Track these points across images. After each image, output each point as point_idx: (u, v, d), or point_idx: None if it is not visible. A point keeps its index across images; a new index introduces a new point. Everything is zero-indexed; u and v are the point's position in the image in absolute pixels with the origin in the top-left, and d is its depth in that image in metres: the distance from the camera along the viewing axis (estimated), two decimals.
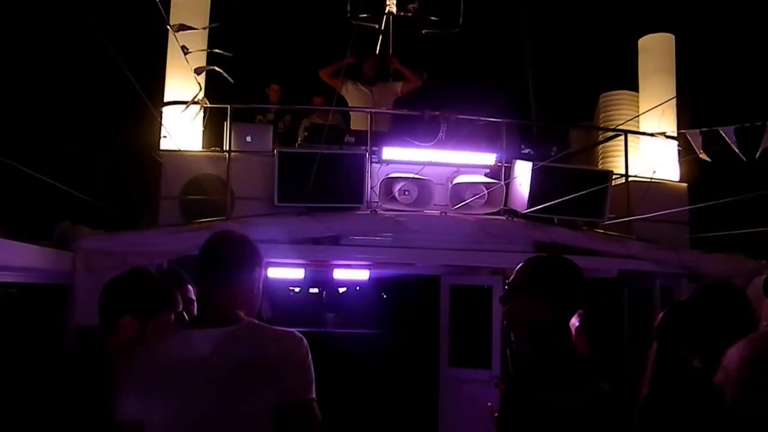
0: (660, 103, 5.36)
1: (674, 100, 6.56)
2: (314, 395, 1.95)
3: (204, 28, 3.35)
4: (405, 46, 7.46)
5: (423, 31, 7.47)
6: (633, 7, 7.88)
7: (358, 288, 9.13)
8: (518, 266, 2.14)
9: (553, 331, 2.02)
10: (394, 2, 7.44)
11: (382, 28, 7.65)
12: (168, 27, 3.41)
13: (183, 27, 3.48)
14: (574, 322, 3.68)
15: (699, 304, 2.13)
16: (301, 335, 2.00)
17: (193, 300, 3.02)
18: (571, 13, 8.59)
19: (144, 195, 5.84)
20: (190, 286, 3.05)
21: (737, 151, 4.06)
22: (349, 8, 7.32)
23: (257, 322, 2.04)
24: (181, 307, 2.54)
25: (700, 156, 5.03)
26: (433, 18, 7.43)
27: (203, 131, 5.82)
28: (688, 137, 5.20)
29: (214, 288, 2.07)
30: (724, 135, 4.73)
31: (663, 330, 2.10)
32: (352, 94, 6.92)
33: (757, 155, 3.82)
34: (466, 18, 7.32)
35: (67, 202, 4.61)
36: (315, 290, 9.49)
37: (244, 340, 1.95)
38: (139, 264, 4.82)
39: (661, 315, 2.14)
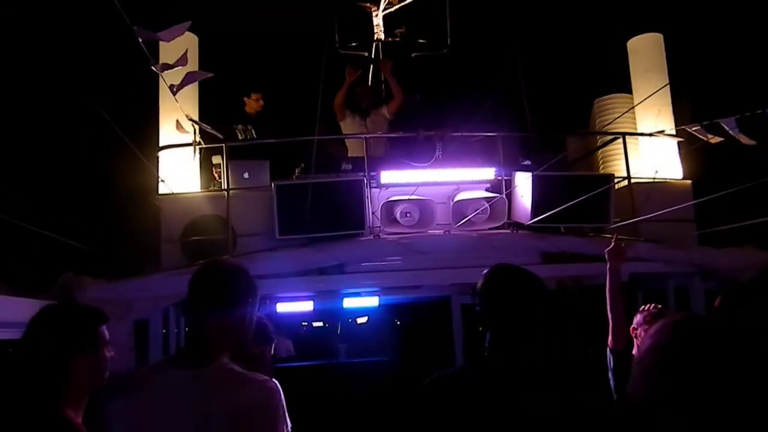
0: (648, 95, 5.31)
1: (669, 99, 6.53)
2: None
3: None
4: (396, 70, 7.47)
5: (412, 55, 7.49)
6: (619, 10, 7.90)
7: (355, 320, 9.03)
8: None
9: None
10: (382, 29, 7.48)
11: (372, 56, 7.68)
12: (153, 68, 3.41)
13: (166, 66, 3.48)
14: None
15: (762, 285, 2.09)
16: (276, 384, 1.94)
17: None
18: (557, 23, 8.62)
19: (145, 240, 5.82)
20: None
21: (740, 140, 4.02)
22: (337, 38, 7.37)
23: (229, 365, 1.94)
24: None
25: (710, 141, 4.96)
26: (421, 41, 7.47)
27: (200, 170, 5.81)
28: (690, 131, 5.15)
29: (202, 323, 1.96)
30: (725, 126, 4.69)
31: (725, 309, 2.07)
32: (349, 126, 6.94)
33: None
34: (454, 37, 7.34)
35: (67, 252, 4.59)
36: (319, 324, 9.43)
37: (216, 384, 1.87)
38: (144, 309, 4.80)
39: (720, 296, 2.13)
